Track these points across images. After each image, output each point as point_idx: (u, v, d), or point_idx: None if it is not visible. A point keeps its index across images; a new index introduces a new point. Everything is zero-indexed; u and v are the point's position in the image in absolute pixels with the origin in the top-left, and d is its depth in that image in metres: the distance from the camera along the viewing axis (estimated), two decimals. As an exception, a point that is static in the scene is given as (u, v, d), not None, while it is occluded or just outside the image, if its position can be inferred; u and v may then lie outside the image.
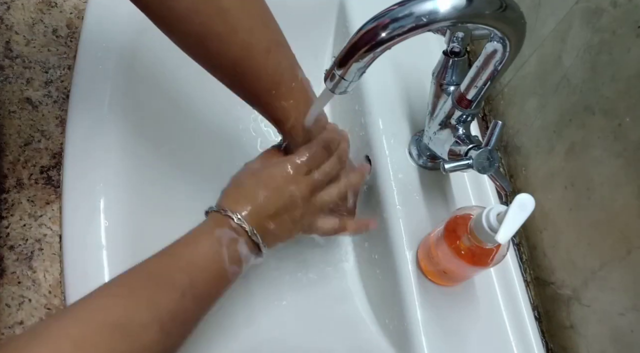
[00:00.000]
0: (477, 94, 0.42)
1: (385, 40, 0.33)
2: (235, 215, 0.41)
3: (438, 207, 0.53)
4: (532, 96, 0.55)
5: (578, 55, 0.47)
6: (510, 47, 0.36)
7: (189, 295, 0.37)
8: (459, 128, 0.46)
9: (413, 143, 0.56)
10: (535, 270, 0.55)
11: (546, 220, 0.53)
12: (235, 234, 0.41)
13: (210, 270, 0.39)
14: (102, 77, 0.52)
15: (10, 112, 0.51)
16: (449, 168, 0.43)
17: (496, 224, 0.38)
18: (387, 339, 0.53)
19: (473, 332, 0.49)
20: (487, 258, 0.43)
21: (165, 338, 0.35)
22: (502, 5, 0.33)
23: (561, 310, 0.51)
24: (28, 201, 0.49)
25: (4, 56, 0.53)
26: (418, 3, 0.32)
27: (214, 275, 0.40)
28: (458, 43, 0.44)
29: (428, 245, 0.48)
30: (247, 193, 0.43)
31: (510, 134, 0.59)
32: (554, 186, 0.51)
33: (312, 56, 0.69)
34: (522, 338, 0.49)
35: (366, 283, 0.60)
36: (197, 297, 0.38)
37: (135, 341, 0.33)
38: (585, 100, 0.46)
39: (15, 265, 0.46)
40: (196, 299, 0.38)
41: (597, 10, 0.44)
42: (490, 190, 0.56)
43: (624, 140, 0.41)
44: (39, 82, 0.53)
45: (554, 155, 0.51)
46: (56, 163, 0.51)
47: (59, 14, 0.57)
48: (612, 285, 0.44)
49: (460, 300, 0.50)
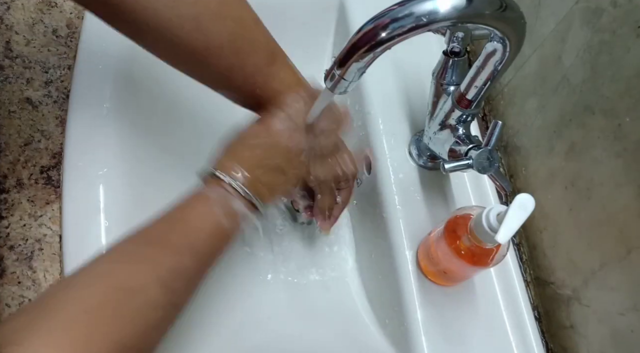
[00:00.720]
0: (477, 94, 0.42)
1: (385, 40, 0.33)
2: (226, 176, 0.41)
3: (438, 207, 0.53)
4: (532, 96, 0.55)
5: (578, 55, 0.47)
6: (510, 47, 0.36)
7: (187, 254, 0.38)
8: (459, 128, 0.46)
9: (413, 143, 0.56)
10: (535, 270, 0.55)
11: (546, 220, 0.53)
12: (228, 193, 0.41)
13: (206, 230, 0.40)
14: (102, 77, 0.52)
15: (10, 112, 0.51)
16: (449, 168, 0.43)
17: (496, 224, 0.38)
18: (387, 339, 0.53)
19: (473, 332, 0.49)
20: (487, 258, 0.43)
21: (170, 295, 0.36)
22: (502, 5, 0.33)
23: (561, 310, 0.51)
24: (28, 201, 0.49)
25: (4, 56, 0.53)
26: (418, 3, 0.31)
27: (210, 234, 0.40)
28: (458, 43, 0.44)
29: (428, 245, 0.48)
30: (236, 152, 0.43)
31: (510, 134, 0.59)
32: (554, 186, 0.51)
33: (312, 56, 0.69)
34: (522, 338, 0.49)
35: (366, 283, 0.60)
36: (197, 256, 0.39)
37: (140, 300, 0.34)
38: (585, 100, 0.46)
39: (15, 265, 0.46)
40: (196, 257, 0.39)
41: (597, 10, 0.44)
42: (490, 190, 0.56)
43: (624, 140, 0.41)
44: (39, 82, 0.53)
45: (554, 155, 0.51)
46: (56, 163, 0.51)
47: (59, 14, 0.57)
48: (612, 285, 0.44)
49: (460, 300, 0.50)
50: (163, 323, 0.36)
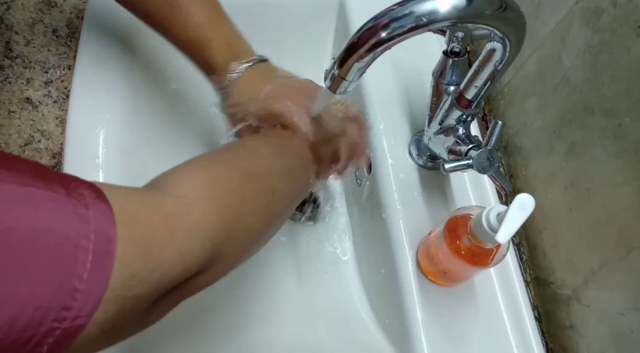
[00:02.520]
0: (477, 94, 0.42)
1: (385, 40, 0.33)
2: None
3: (438, 207, 0.53)
4: (532, 96, 0.55)
5: (578, 55, 0.47)
6: (510, 47, 0.36)
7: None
8: (459, 128, 0.46)
9: (413, 143, 0.56)
10: (535, 270, 0.55)
11: (546, 220, 0.53)
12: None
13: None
14: (102, 77, 0.52)
15: (10, 112, 0.51)
16: (449, 168, 0.43)
17: (496, 224, 0.38)
18: (387, 339, 0.53)
19: (473, 332, 0.49)
20: (487, 258, 0.43)
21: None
22: (502, 5, 0.33)
23: (561, 310, 0.51)
24: (28, 201, 0.49)
25: (4, 56, 0.53)
26: (418, 3, 0.31)
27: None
28: (458, 43, 0.44)
29: (428, 245, 0.48)
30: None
31: (510, 134, 0.59)
32: (554, 186, 0.51)
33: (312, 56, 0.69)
34: (522, 338, 0.49)
35: (366, 283, 0.60)
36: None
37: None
38: (585, 100, 0.46)
39: (15, 265, 0.46)
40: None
41: (597, 10, 0.44)
42: (490, 190, 0.56)
43: (624, 140, 0.41)
44: (39, 82, 0.53)
45: (554, 155, 0.51)
46: (56, 163, 0.51)
47: (59, 14, 0.57)
48: (612, 285, 0.44)
49: (460, 300, 0.50)
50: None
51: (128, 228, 0.25)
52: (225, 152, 0.39)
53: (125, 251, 0.24)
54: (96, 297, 0.22)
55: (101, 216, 0.23)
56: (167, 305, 0.29)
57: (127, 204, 0.26)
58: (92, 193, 0.24)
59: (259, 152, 0.40)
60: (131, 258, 0.24)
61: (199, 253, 0.29)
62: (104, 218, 0.24)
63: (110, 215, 0.24)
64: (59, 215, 0.22)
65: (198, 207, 0.30)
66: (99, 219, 0.23)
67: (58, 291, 0.21)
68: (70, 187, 0.24)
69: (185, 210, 0.29)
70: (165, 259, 0.26)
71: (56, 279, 0.21)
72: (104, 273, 0.23)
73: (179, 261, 0.27)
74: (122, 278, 0.23)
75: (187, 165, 0.34)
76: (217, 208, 0.31)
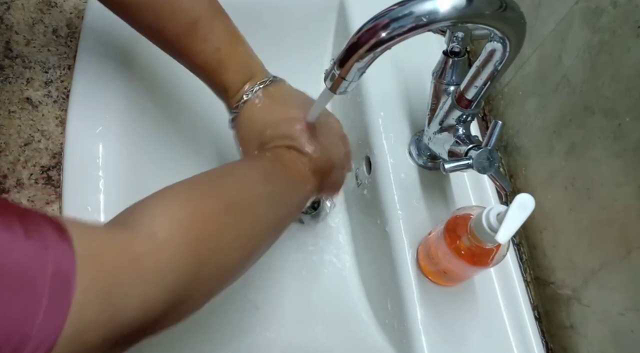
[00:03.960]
0: (477, 93, 0.42)
1: (385, 40, 0.33)
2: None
3: (438, 207, 0.53)
4: (532, 96, 0.55)
5: (578, 55, 0.47)
6: (510, 47, 0.36)
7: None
8: (459, 128, 0.46)
9: (413, 143, 0.56)
10: (535, 270, 0.55)
11: (546, 220, 0.53)
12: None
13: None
14: (102, 77, 0.52)
15: (10, 112, 0.51)
16: (449, 168, 0.43)
17: (496, 224, 0.38)
18: (387, 339, 0.53)
19: (473, 332, 0.49)
20: (487, 258, 0.43)
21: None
22: (502, 5, 0.33)
23: (561, 310, 0.51)
24: (28, 201, 0.49)
25: (4, 56, 0.53)
26: (418, 3, 0.31)
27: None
28: (458, 43, 0.44)
29: (428, 245, 0.48)
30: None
31: (510, 134, 0.59)
32: (554, 186, 0.51)
33: (312, 56, 0.69)
34: (522, 338, 0.49)
35: (366, 284, 0.60)
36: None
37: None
38: (585, 100, 0.46)
39: (15, 265, 0.46)
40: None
41: (597, 10, 0.44)
42: (490, 190, 0.56)
43: (624, 140, 0.41)
44: (39, 82, 0.53)
45: (554, 155, 0.51)
46: (56, 163, 0.51)
47: (59, 14, 0.57)
48: (612, 285, 0.44)
49: (460, 300, 0.50)
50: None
51: (90, 270, 0.24)
52: (209, 181, 0.38)
53: (85, 295, 0.23)
54: (49, 342, 0.21)
55: (61, 258, 0.23)
56: (125, 346, 0.28)
57: (91, 244, 0.25)
58: (53, 233, 0.23)
59: (247, 179, 0.39)
60: (89, 303, 0.23)
61: (163, 299, 0.28)
62: (64, 260, 0.23)
63: (71, 257, 0.23)
64: (16, 257, 0.21)
65: (169, 248, 0.29)
66: (58, 261, 0.22)
67: (12, 335, 0.20)
68: (30, 225, 0.23)
69: (154, 251, 0.28)
70: (126, 306, 0.26)
71: (9, 323, 0.20)
72: (59, 318, 0.22)
73: (140, 309, 0.27)
74: (78, 322, 0.23)
75: (163, 199, 0.33)
76: (189, 246, 0.30)
